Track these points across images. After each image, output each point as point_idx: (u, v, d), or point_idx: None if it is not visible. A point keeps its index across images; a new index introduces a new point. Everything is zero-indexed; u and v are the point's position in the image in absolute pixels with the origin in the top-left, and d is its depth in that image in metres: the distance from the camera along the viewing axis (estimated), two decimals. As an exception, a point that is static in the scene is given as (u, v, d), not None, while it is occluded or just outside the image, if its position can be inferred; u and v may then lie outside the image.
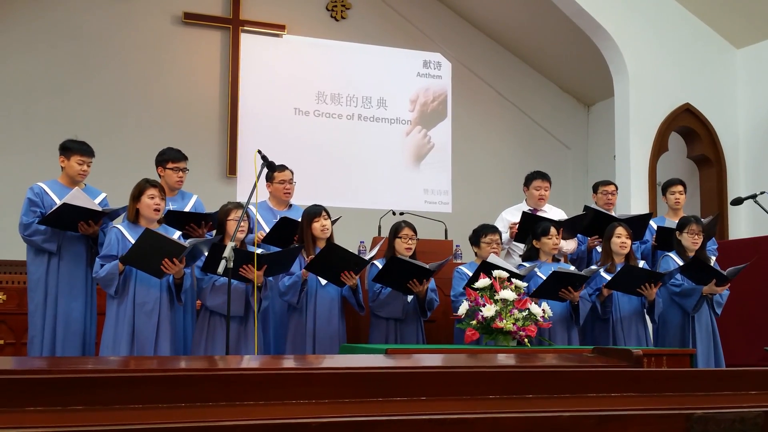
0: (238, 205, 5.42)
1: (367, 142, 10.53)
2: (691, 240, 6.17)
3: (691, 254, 6.15)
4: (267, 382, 2.24)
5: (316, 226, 5.63)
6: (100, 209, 5.38)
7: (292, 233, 5.78)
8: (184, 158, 5.91)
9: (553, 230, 6.02)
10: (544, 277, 5.71)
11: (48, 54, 9.33)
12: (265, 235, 5.85)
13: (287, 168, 6.14)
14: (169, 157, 5.88)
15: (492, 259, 5.72)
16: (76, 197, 5.29)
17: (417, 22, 10.91)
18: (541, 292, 5.65)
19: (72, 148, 5.55)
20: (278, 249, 5.70)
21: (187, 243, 5.03)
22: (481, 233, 6.09)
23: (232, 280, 5.11)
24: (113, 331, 5.11)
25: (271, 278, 5.46)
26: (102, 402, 2.06)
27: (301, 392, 2.23)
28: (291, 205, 6.26)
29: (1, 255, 7.90)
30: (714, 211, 8.88)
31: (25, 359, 4.86)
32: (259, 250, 5.29)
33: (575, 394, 2.45)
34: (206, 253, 5.20)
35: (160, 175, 5.85)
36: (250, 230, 5.54)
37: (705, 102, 9.35)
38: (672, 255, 6.26)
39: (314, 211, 5.68)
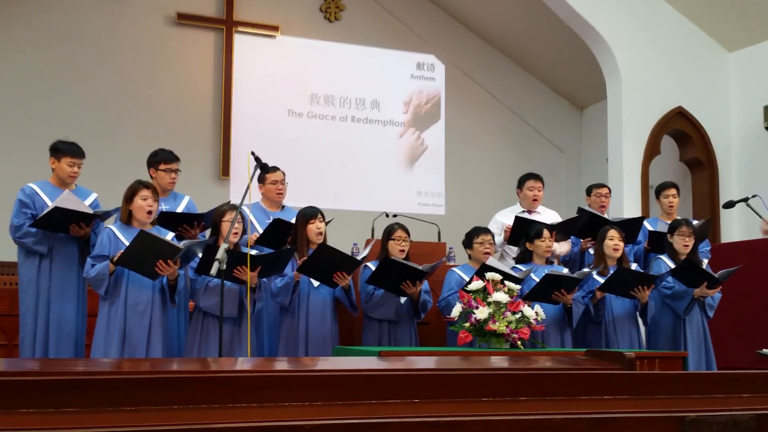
0: (234, 207, 5.41)
1: (360, 143, 10.53)
2: (681, 242, 6.18)
3: (683, 257, 6.17)
4: (260, 384, 2.23)
5: (312, 228, 5.63)
6: (91, 212, 5.37)
7: (285, 235, 5.78)
8: (177, 159, 5.90)
9: (546, 233, 6.03)
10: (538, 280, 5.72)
11: (42, 54, 9.30)
12: (258, 236, 5.84)
13: (279, 169, 6.13)
14: (161, 158, 5.86)
15: (491, 262, 5.73)
16: (67, 200, 5.27)
17: (411, 24, 10.91)
18: (534, 295, 5.66)
19: (62, 149, 5.53)
20: (271, 250, 5.70)
21: (181, 245, 5.01)
22: (473, 235, 6.10)
23: (225, 282, 5.11)
24: (104, 332, 5.10)
25: (264, 279, 5.45)
26: (95, 404, 2.05)
27: (294, 395, 2.22)
28: (283, 207, 6.26)
29: (-8, 256, 7.88)
30: (706, 214, 8.91)
31: (18, 361, 4.85)
32: (253, 252, 5.28)
33: (568, 396, 2.45)
34: (200, 255, 5.19)
35: (152, 176, 5.83)
36: (244, 231, 5.53)
37: (697, 105, 9.38)
38: (663, 258, 6.27)
39: (310, 213, 5.68)
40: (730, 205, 6.77)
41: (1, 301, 6.24)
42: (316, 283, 5.61)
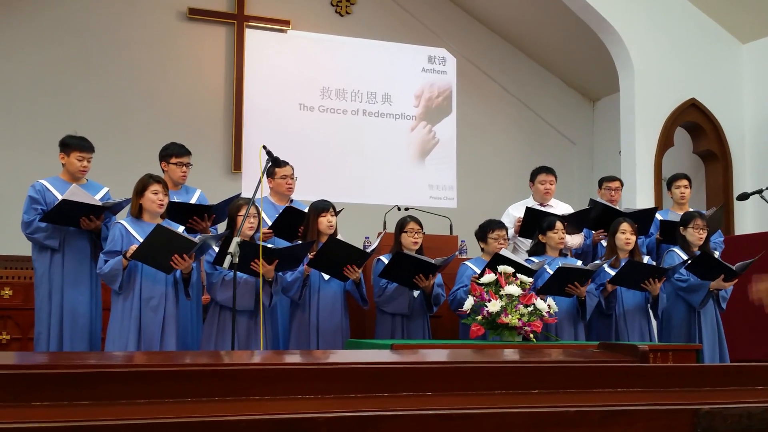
0: (249, 201, 5.41)
1: (371, 137, 10.52)
2: (696, 235, 6.16)
3: (695, 249, 6.14)
4: (273, 377, 2.24)
5: (323, 221, 5.63)
6: (100, 204, 5.38)
7: (297, 223, 5.79)
8: (188, 153, 5.91)
9: (558, 225, 6.02)
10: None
11: (52, 50, 9.32)
12: (269, 231, 5.83)
13: (288, 163, 6.13)
14: (172, 152, 5.87)
15: (504, 252, 5.71)
16: (75, 193, 5.28)
17: (422, 18, 10.89)
18: (547, 288, 5.65)
19: (71, 144, 5.55)
20: (285, 242, 5.71)
21: (197, 239, 5.02)
22: (487, 229, 6.08)
23: (244, 274, 5.12)
24: (119, 326, 5.11)
25: (280, 273, 5.44)
26: (108, 397, 2.06)
27: (307, 387, 2.23)
28: (292, 200, 6.26)
29: (6, 250, 7.91)
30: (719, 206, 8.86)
31: (31, 354, 4.87)
32: (269, 246, 5.28)
33: (581, 389, 2.45)
34: (215, 248, 5.21)
35: (163, 170, 5.85)
36: (259, 225, 5.53)
37: (711, 97, 9.33)
38: (676, 250, 6.25)
39: (322, 207, 5.68)
40: (743, 197, 6.72)
41: (15, 295, 6.27)
42: (326, 277, 5.62)
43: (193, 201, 5.94)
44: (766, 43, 9.29)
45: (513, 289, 5.14)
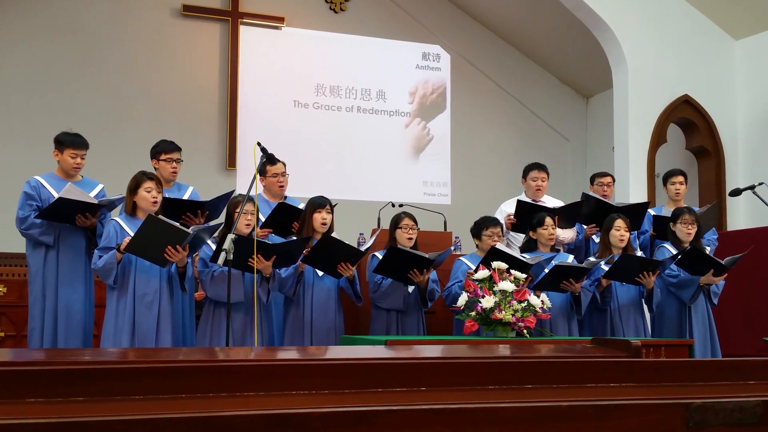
0: (248, 199, 5.40)
1: (366, 134, 10.53)
2: (685, 230, 6.16)
3: (686, 245, 6.15)
4: (267, 373, 2.24)
5: (317, 217, 5.64)
6: (95, 201, 5.38)
7: (290, 219, 5.79)
8: (178, 149, 5.90)
9: (548, 221, 6.03)
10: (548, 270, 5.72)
11: (47, 47, 9.31)
12: (269, 230, 5.83)
13: (280, 161, 6.12)
14: (162, 148, 5.88)
15: (499, 246, 5.72)
16: (71, 191, 5.29)
17: (416, 14, 10.89)
18: (543, 285, 5.66)
19: (64, 141, 5.55)
20: (280, 238, 5.71)
21: (190, 230, 5.01)
22: (482, 226, 6.09)
23: (236, 270, 5.11)
24: (113, 324, 5.10)
25: (276, 269, 5.44)
26: (103, 393, 2.06)
27: (301, 383, 2.23)
28: (285, 197, 6.26)
29: (0, 248, 7.90)
30: (712, 203, 8.88)
31: (25, 351, 4.87)
32: (266, 242, 5.29)
33: (574, 384, 2.45)
34: (208, 242, 5.21)
35: (155, 168, 5.85)
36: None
37: (704, 93, 9.35)
38: (667, 245, 6.26)
39: (318, 203, 5.69)
40: (736, 193, 6.74)
41: (9, 292, 6.26)
42: (320, 273, 5.62)
43: (185, 198, 5.93)
44: (759, 40, 9.31)
45: (507, 285, 5.15)
